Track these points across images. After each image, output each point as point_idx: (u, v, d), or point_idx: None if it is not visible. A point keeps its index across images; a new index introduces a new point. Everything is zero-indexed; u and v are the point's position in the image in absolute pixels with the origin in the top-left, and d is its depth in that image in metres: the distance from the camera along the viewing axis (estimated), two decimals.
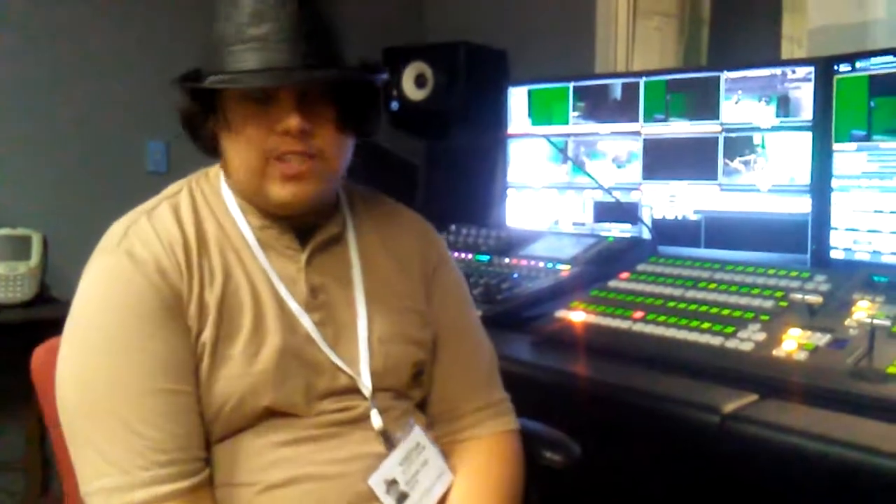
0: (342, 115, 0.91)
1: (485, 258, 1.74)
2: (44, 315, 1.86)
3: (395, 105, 2.38)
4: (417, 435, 0.94)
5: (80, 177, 2.19)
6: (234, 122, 0.89)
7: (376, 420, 0.92)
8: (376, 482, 0.89)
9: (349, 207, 1.01)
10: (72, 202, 2.16)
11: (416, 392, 1.00)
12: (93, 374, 0.84)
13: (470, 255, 1.77)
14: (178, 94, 0.91)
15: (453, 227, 1.93)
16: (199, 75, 0.89)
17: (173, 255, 0.88)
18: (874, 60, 1.43)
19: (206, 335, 0.87)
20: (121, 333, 0.84)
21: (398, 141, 2.40)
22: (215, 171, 0.97)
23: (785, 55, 2.27)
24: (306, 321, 0.91)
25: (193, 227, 0.91)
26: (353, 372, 0.92)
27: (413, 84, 2.36)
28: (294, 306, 0.91)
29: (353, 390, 0.92)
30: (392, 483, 0.90)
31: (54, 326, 0.91)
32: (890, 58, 1.40)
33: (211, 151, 0.94)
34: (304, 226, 0.95)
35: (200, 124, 0.92)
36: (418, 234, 1.05)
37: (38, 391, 0.98)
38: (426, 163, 2.39)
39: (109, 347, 0.84)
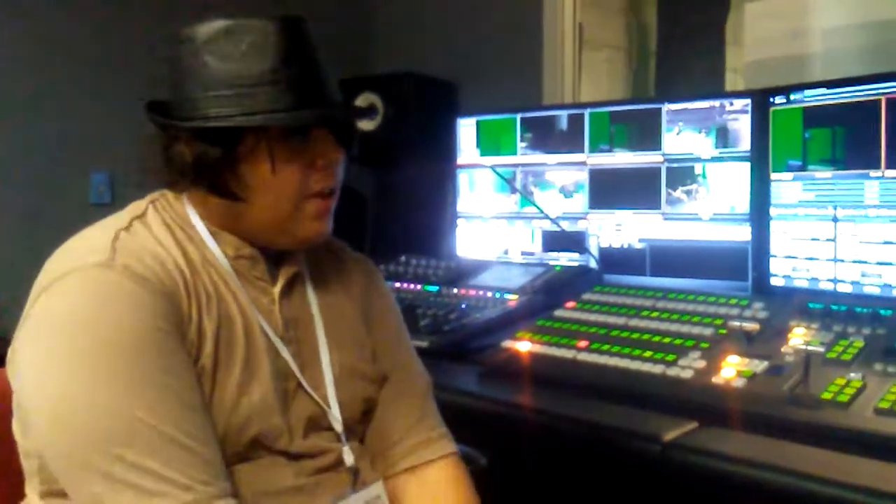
0: (347, 151, 0.94)
1: (434, 288, 1.73)
2: None
3: None
4: (379, 486, 0.96)
5: (23, 209, 2.14)
6: (278, 161, 0.87)
7: (348, 458, 0.93)
8: None
9: None
10: (14, 234, 2.10)
11: (361, 428, 1.00)
12: (119, 396, 0.76)
13: (419, 286, 1.77)
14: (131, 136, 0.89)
15: (403, 258, 1.93)
16: (208, 117, 0.86)
17: (170, 276, 0.83)
18: (808, 93, 1.47)
19: (203, 362, 0.83)
20: (143, 351, 0.78)
21: (347, 171, 2.40)
22: (172, 197, 0.93)
23: (729, 87, 2.33)
24: (285, 353, 0.91)
25: (176, 248, 0.87)
26: (326, 406, 0.93)
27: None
28: (273, 337, 0.91)
29: (327, 426, 0.93)
30: None
31: None
32: (823, 90, 1.45)
33: (228, 195, 0.88)
34: (271, 259, 0.95)
35: (221, 169, 0.87)
36: (362, 271, 1.07)
37: None
38: (376, 193, 2.39)
39: (133, 367, 0.77)
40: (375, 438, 1.01)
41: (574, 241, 1.83)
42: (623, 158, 1.76)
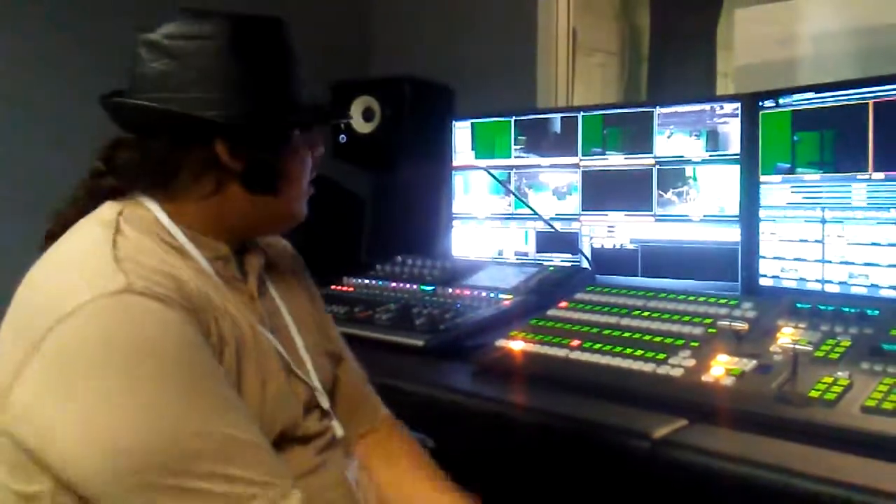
0: None
1: (429, 288, 1.75)
2: None
3: (342, 138, 2.40)
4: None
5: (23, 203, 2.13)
6: (303, 154, 0.97)
7: (339, 431, 1.00)
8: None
9: None
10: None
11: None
12: (184, 414, 0.75)
13: (415, 286, 1.78)
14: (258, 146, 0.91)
15: (399, 258, 1.94)
16: (274, 117, 0.92)
17: (178, 289, 0.81)
18: (796, 97, 1.50)
19: (226, 367, 0.84)
20: (192, 366, 0.78)
21: (345, 173, 2.41)
22: (133, 204, 0.90)
23: (720, 90, 2.35)
24: (277, 345, 0.94)
25: (168, 259, 0.85)
26: (315, 388, 0.98)
27: (360, 117, 2.38)
28: (264, 331, 0.93)
29: (317, 406, 0.98)
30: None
31: None
32: (811, 94, 1.47)
33: (269, 191, 0.93)
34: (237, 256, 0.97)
35: (269, 167, 0.92)
36: (294, 257, 1.14)
37: None
38: (373, 195, 2.40)
39: (190, 383, 0.77)
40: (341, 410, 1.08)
41: (567, 242, 1.85)
42: (615, 161, 1.78)
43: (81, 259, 0.82)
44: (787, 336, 1.20)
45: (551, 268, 1.76)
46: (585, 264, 1.79)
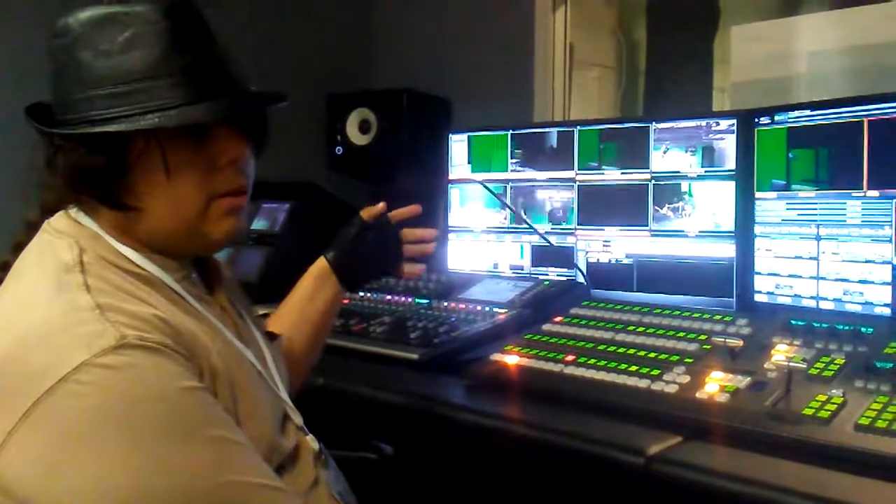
0: (257, 146, 0.89)
1: (424, 301, 1.75)
2: None
3: (339, 150, 2.41)
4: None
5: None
6: (172, 165, 0.79)
7: (315, 444, 0.97)
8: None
9: None
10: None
11: None
12: (193, 470, 0.72)
13: (410, 299, 1.78)
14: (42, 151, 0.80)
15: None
16: (92, 121, 0.78)
17: (170, 330, 0.76)
18: (792, 114, 1.50)
19: (224, 404, 0.79)
20: (194, 415, 0.73)
21: (341, 185, 2.42)
22: (86, 231, 0.83)
23: (716, 105, 2.37)
24: (252, 358, 0.91)
25: (131, 297, 0.78)
26: (286, 401, 0.96)
27: (357, 129, 2.39)
28: (242, 348, 0.90)
29: (289, 417, 0.95)
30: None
31: None
32: (806, 111, 1.48)
33: (118, 206, 0.81)
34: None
35: (110, 178, 0.79)
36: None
37: None
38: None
39: (196, 434, 0.73)
40: None
41: (562, 257, 1.85)
42: (611, 176, 1.78)
43: (55, 314, 0.74)
44: (782, 353, 1.20)
45: (546, 282, 1.76)
46: (581, 279, 1.79)
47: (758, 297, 1.54)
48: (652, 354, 1.29)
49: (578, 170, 1.83)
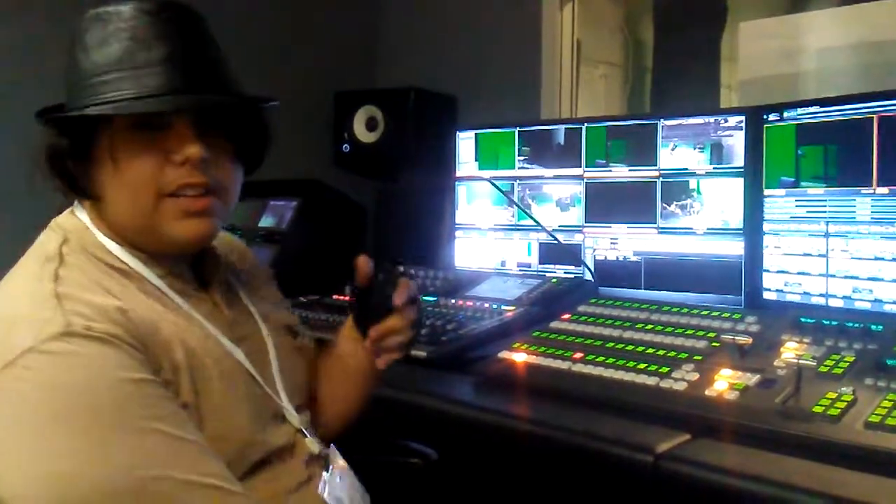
0: (237, 147, 0.89)
1: (432, 299, 1.75)
2: None
3: (346, 147, 2.41)
4: (340, 458, 0.99)
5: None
6: (121, 156, 0.81)
7: (315, 447, 0.95)
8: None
9: None
10: None
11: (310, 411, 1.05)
12: (114, 461, 0.72)
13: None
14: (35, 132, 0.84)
15: (401, 269, 1.94)
16: (66, 109, 0.83)
17: (127, 322, 0.77)
18: (801, 110, 1.50)
19: (184, 399, 0.80)
20: (126, 408, 0.74)
21: (348, 183, 2.42)
22: (79, 225, 0.87)
23: (723, 103, 2.36)
24: (241, 357, 0.90)
25: (103, 289, 0.81)
26: (281, 400, 0.94)
27: (364, 127, 2.39)
28: (228, 345, 0.89)
29: (285, 418, 0.94)
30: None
31: None
32: (815, 108, 1.47)
33: (81, 193, 0.85)
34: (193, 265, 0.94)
35: (70, 163, 0.83)
36: (246, 252, 1.11)
37: None
38: (376, 204, 2.40)
39: (123, 426, 0.73)
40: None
41: (570, 254, 1.84)
42: (619, 173, 1.78)
43: (24, 301, 0.78)
44: (791, 350, 1.20)
45: (554, 279, 1.76)
46: (588, 276, 1.79)
47: (766, 295, 1.54)
48: (661, 352, 1.29)
49: (586, 167, 1.83)
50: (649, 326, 1.39)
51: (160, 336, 0.81)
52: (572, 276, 1.83)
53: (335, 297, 1.84)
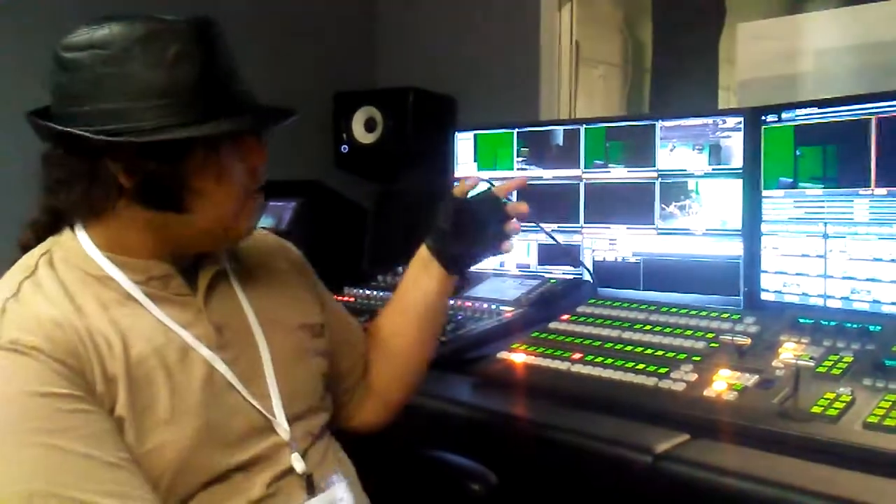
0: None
1: None
2: None
3: (345, 148, 2.41)
4: (340, 489, 0.96)
5: None
6: (223, 168, 0.88)
7: (298, 465, 0.92)
8: None
9: None
10: None
11: (327, 399, 1.04)
12: (6, 474, 0.75)
13: None
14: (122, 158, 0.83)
15: (400, 269, 1.94)
16: (151, 129, 0.83)
17: (61, 335, 0.80)
18: (799, 112, 1.50)
19: (119, 412, 0.81)
20: (31, 421, 0.76)
21: (347, 183, 2.42)
22: (68, 237, 0.90)
23: (722, 104, 2.37)
24: (220, 365, 0.89)
25: (66, 299, 0.83)
26: (268, 410, 0.92)
27: (363, 128, 2.39)
28: (206, 352, 0.88)
29: (271, 429, 0.92)
30: None
31: None
32: (814, 109, 1.47)
33: (174, 209, 0.87)
34: (187, 268, 0.94)
35: (169, 183, 0.85)
36: (282, 251, 1.12)
37: None
38: (374, 205, 2.40)
39: (23, 440, 0.75)
40: (350, 371, 1.14)
41: (569, 255, 1.85)
42: (618, 174, 1.78)
43: None
44: (790, 351, 1.20)
45: (553, 280, 1.76)
46: (587, 277, 1.79)
47: (765, 296, 1.54)
48: (659, 352, 1.29)
49: (585, 168, 1.83)
50: (648, 327, 1.39)
51: (98, 347, 0.82)
52: (571, 276, 1.83)
53: (335, 297, 1.83)
